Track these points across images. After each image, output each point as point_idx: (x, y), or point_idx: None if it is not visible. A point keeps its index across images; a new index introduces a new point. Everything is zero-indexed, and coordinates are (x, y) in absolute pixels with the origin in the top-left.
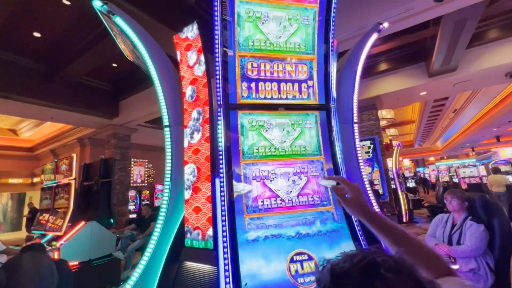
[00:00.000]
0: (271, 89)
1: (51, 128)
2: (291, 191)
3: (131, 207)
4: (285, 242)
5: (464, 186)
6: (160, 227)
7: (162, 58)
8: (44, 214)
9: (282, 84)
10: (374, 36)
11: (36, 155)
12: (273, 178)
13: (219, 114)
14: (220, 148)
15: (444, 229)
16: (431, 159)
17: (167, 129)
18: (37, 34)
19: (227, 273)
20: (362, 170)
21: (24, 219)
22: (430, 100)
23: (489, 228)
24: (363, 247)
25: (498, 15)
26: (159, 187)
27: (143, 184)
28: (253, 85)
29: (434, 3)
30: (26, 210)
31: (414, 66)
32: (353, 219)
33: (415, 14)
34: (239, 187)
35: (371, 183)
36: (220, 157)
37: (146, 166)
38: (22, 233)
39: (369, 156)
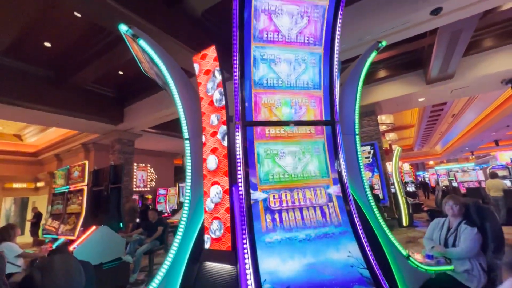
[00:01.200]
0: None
1: (55, 133)
2: None
3: None
4: (297, 243)
5: (463, 191)
6: (182, 231)
7: (181, 76)
8: (52, 220)
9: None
10: (374, 54)
11: (40, 160)
12: None
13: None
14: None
15: (440, 232)
16: (431, 162)
17: (187, 141)
18: (47, 44)
19: (248, 271)
20: (364, 178)
21: (28, 224)
22: (428, 105)
23: (482, 232)
24: (366, 247)
25: (492, 24)
26: (161, 191)
27: (146, 189)
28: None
29: (430, 16)
30: (29, 215)
31: (413, 73)
32: (356, 222)
33: (412, 26)
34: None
35: (372, 188)
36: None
37: (149, 171)
38: (26, 238)
39: (369, 161)
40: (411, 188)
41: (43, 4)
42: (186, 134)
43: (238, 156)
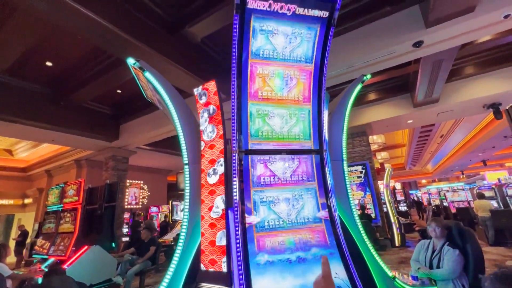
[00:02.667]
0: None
1: (48, 149)
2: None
3: (124, 229)
4: (288, 265)
5: (453, 210)
6: (179, 253)
7: (182, 105)
8: (42, 240)
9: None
10: (359, 86)
11: (30, 176)
12: None
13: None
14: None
15: (426, 254)
16: (423, 181)
17: (186, 166)
18: (49, 63)
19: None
20: (351, 201)
21: (13, 243)
22: (417, 127)
23: (464, 253)
24: (352, 269)
25: (471, 54)
26: (153, 209)
27: (137, 206)
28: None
29: (413, 48)
30: (14, 233)
31: (400, 97)
32: (343, 245)
33: (397, 56)
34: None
35: (364, 208)
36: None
37: (141, 188)
38: (10, 258)
39: (361, 180)
40: (403, 208)
41: (51, 28)
42: (185, 160)
43: (234, 185)
